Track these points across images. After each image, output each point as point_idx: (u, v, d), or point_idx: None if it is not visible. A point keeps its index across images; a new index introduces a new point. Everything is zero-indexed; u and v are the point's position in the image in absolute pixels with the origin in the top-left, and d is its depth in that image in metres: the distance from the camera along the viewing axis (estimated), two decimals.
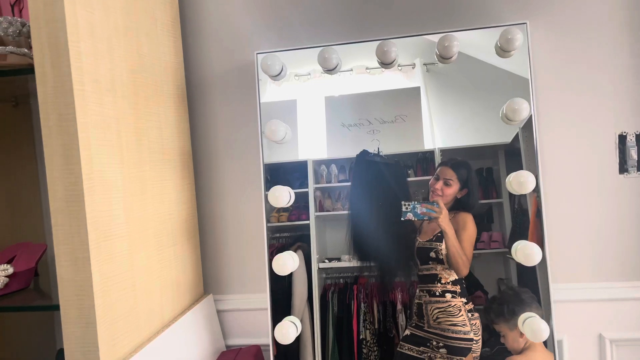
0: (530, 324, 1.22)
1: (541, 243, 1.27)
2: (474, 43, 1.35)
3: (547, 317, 1.27)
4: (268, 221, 1.45)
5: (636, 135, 1.37)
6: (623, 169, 1.38)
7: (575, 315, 1.41)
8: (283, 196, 1.37)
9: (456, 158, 1.35)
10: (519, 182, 1.25)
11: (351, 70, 1.43)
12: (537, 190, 1.29)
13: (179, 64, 1.48)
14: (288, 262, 1.35)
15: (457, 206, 1.33)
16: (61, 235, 1.00)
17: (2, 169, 1.60)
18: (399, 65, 1.41)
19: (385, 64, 1.38)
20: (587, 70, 1.39)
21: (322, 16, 1.49)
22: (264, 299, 1.44)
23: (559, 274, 1.41)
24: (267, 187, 1.41)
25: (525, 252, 1.23)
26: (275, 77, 1.44)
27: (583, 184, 1.40)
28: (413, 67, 1.40)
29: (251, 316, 1.57)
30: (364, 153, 1.40)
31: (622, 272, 1.40)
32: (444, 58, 1.35)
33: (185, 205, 1.46)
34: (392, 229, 1.38)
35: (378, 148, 1.40)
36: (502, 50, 1.32)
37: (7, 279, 1.25)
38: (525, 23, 1.32)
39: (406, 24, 1.46)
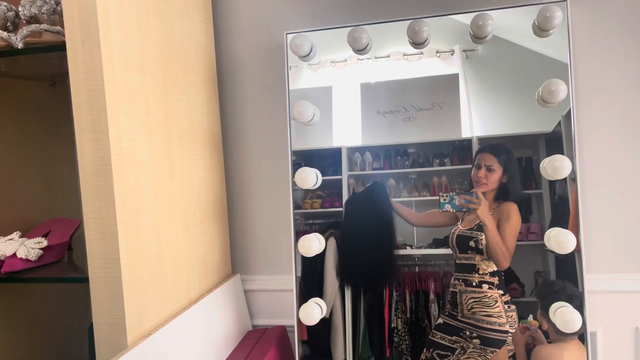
0: (562, 314, 1.18)
1: (577, 231, 1.23)
2: (515, 27, 1.30)
3: (580, 307, 1.23)
4: (301, 207, 1.45)
5: None
6: None
7: (611, 307, 1.35)
8: (310, 178, 1.37)
9: (493, 142, 1.31)
10: (554, 166, 1.20)
11: (388, 56, 1.40)
12: (573, 176, 1.24)
13: (210, 44, 1.49)
14: (314, 244, 1.35)
15: (500, 195, 1.29)
16: (90, 209, 1.02)
17: (40, 147, 1.65)
18: (437, 52, 1.37)
19: (417, 44, 1.35)
20: (632, 55, 1.31)
21: None
22: (292, 281, 1.44)
23: (594, 264, 1.36)
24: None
25: (558, 240, 1.19)
26: (305, 57, 1.42)
27: (624, 172, 1.34)
28: (452, 54, 1.36)
29: (278, 297, 1.58)
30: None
31: None
32: (478, 38, 1.31)
33: (213, 185, 1.48)
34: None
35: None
36: (540, 30, 1.26)
37: (41, 252, 1.29)
38: (566, 1, 1.26)
39: (443, 3, 1.41)
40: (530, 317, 1.28)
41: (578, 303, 1.23)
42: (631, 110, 1.33)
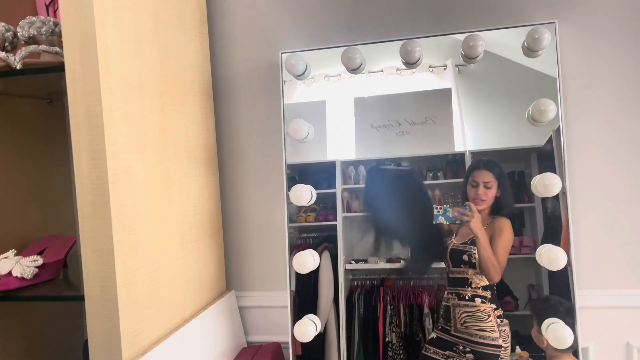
0: (554, 330, 1.19)
1: (568, 246, 1.24)
2: (506, 43, 1.33)
3: (572, 323, 1.24)
4: (295, 221, 1.46)
5: None
6: None
7: (602, 323, 1.37)
8: (304, 195, 1.38)
9: (483, 158, 1.33)
10: (544, 184, 1.22)
11: (381, 71, 1.42)
12: (554, 198, 1.26)
13: (206, 63, 1.51)
14: (308, 261, 1.36)
15: (495, 210, 1.31)
16: (87, 227, 1.03)
17: (37, 164, 1.66)
18: (430, 67, 1.40)
19: (410, 63, 1.37)
20: (618, 73, 1.35)
21: (350, 16, 1.49)
22: (286, 297, 1.45)
23: (586, 280, 1.38)
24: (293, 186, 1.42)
25: (549, 256, 1.21)
26: (299, 76, 1.45)
27: (614, 188, 1.36)
28: (444, 69, 1.39)
29: (273, 313, 1.58)
30: (378, 163, 1.40)
31: None
32: (469, 58, 1.33)
33: (209, 201, 1.49)
34: (417, 228, 1.38)
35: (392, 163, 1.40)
36: (529, 50, 1.29)
37: (36, 270, 1.30)
38: (554, 22, 1.29)
39: (436, 23, 1.44)
40: (518, 349, 1.30)
41: (573, 318, 1.25)
42: (620, 127, 1.36)
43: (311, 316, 1.39)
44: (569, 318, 1.24)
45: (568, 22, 1.36)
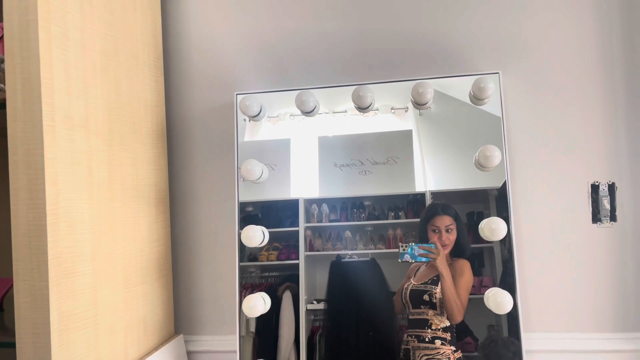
0: None
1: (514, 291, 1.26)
2: (463, 88, 1.37)
3: None
4: (257, 260, 1.44)
5: (608, 185, 1.38)
6: (596, 218, 1.38)
7: None
8: (256, 236, 1.36)
9: (438, 202, 1.35)
10: (491, 228, 1.25)
11: (345, 111, 1.45)
12: (509, 237, 1.29)
13: (160, 102, 1.50)
14: (258, 304, 1.33)
15: (455, 251, 1.32)
16: (21, 271, 0.99)
17: None
18: (392, 108, 1.43)
19: (362, 108, 1.40)
20: (559, 121, 1.41)
21: (307, 59, 1.52)
22: (237, 340, 1.41)
23: (533, 323, 1.39)
24: (258, 224, 1.41)
25: (496, 300, 1.22)
26: (254, 117, 1.45)
27: (556, 232, 1.40)
28: (406, 111, 1.42)
29: (224, 358, 1.53)
30: (338, 258, 1.41)
31: (596, 323, 1.38)
32: (419, 104, 1.37)
33: (158, 242, 1.45)
34: (375, 328, 1.38)
35: (348, 254, 1.41)
36: (476, 99, 1.34)
37: None
38: (498, 73, 1.35)
39: (390, 69, 1.48)
40: None
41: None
42: (563, 172, 1.40)
43: None
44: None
45: (513, 72, 1.42)
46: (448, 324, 1.29)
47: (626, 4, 1.39)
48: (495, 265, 1.34)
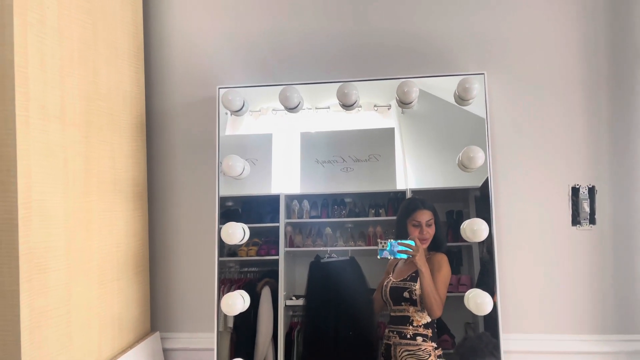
0: None
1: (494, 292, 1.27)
2: (447, 87, 1.37)
3: None
4: (236, 255, 1.42)
5: (588, 188, 1.39)
6: (576, 221, 1.39)
7: None
8: (236, 233, 1.34)
9: (418, 198, 1.35)
10: (472, 229, 1.25)
11: (328, 107, 1.43)
12: (490, 239, 1.29)
13: (140, 94, 1.47)
14: (237, 302, 1.31)
15: (433, 245, 1.32)
16: None
17: None
18: (375, 106, 1.42)
19: (346, 105, 1.39)
20: (542, 123, 1.42)
21: (293, 55, 1.50)
22: (214, 339, 1.39)
23: (511, 324, 1.40)
24: (237, 220, 1.38)
25: (476, 302, 1.22)
26: (237, 112, 1.43)
27: (537, 234, 1.41)
28: (389, 108, 1.41)
29: (201, 356, 1.51)
30: (317, 258, 1.40)
31: (574, 325, 1.39)
32: (403, 103, 1.36)
33: (135, 237, 1.42)
34: (355, 325, 1.37)
35: (329, 252, 1.40)
36: (460, 99, 1.34)
37: None
38: (483, 74, 1.35)
39: (376, 67, 1.47)
40: None
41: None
42: (545, 173, 1.41)
43: None
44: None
45: (497, 73, 1.42)
46: (429, 320, 1.29)
47: (609, 7, 1.40)
48: (474, 264, 1.34)
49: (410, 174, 1.39)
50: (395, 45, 1.46)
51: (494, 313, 1.25)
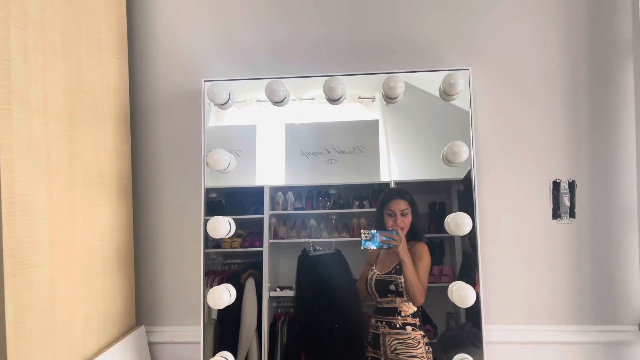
0: None
1: (477, 285, 1.29)
2: (432, 81, 1.38)
3: (480, 357, 1.28)
4: (220, 246, 1.42)
5: (569, 182, 1.42)
6: (556, 214, 1.42)
7: (507, 357, 1.42)
8: (222, 227, 1.34)
9: (394, 187, 1.37)
10: (456, 223, 1.27)
11: (313, 99, 1.43)
12: (473, 232, 1.31)
13: (123, 87, 1.45)
14: (224, 296, 1.31)
15: (411, 235, 1.34)
16: None
17: None
18: (359, 97, 1.42)
19: (333, 100, 1.39)
20: (524, 119, 1.44)
21: (279, 48, 1.50)
22: (200, 332, 1.39)
23: (493, 315, 1.43)
24: (221, 212, 1.38)
25: (459, 294, 1.24)
26: (222, 105, 1.42)
27: (518, 227, 1.44)
28: (373, 100, 1.42)
29: (186, 350, 1.51)
30: (304, 252, 1.41)
31: (553, 316, 1.43)
32: (389, 98, 1.37)
33: (120, 231, 1.41)
34: (341, 316, 1.38)
35: (314, 246, 1.40)
36: (445, 94, 1.35)
37: None
38: (468, 69, 1.36)
39: (361, 61, 1.47)
40: None
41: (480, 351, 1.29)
42: (526, 167, 1.44)
43: (224, 353, 1.35)
44: (478, 350, 1.29)
45: (481, 69, 1.44)
46: (415, 309, 1.32)
47: (592, 6, 1.42)
48: (456, 255, 1.37)
49: (394, 165, 1.40)
50: (381, 41, 1.47)
51: (476, 305, 1.27)
